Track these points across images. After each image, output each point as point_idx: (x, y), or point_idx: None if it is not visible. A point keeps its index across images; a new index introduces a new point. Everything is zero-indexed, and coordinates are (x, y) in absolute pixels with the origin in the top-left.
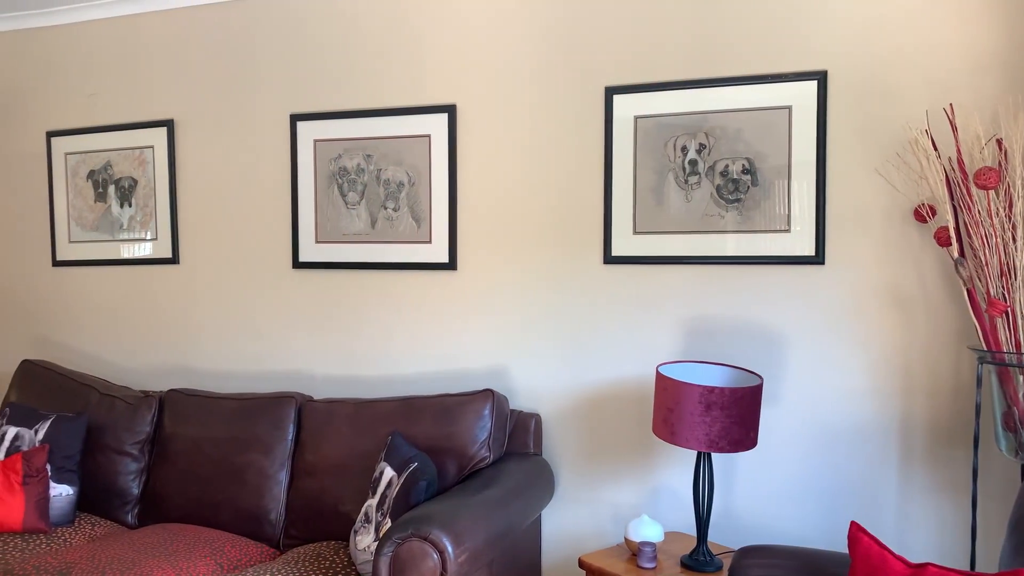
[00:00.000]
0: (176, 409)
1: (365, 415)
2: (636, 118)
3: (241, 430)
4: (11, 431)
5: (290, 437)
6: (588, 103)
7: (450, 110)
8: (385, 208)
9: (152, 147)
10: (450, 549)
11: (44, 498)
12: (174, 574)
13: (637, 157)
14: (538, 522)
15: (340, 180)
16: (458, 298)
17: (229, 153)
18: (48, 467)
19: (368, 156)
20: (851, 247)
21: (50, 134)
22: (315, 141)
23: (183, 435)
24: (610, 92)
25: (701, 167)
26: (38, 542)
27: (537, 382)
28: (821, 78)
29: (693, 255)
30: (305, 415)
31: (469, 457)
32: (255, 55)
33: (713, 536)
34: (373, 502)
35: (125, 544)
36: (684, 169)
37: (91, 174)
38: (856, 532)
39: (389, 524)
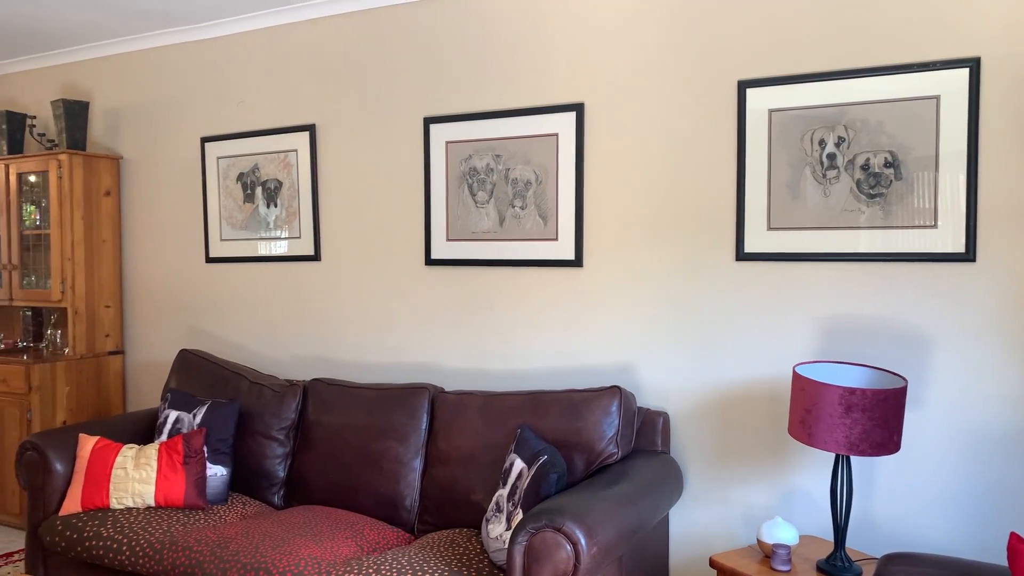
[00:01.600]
0: (319, 397)
1: (494, 407)
2: (770, 111)
3: (379, 418)
4: (172, 415)
5: (424, 426)
6: (719, 97)
7: (578, 108)
8: (513, 206)
9: (296, 150)
10: (583, 541)
11: (202, 477)
12: (320, 553)
13: (771, 151)
14: (666, 520)
15: (470, 180)
16: (584, 294)
17: (366, 155)
18: (205, 449)
19: (497, 156)
20: (1006, 243)
21: (204, 140)
22: (447, 143)
23: (325, 422)
24: (743, 86)
25: (840, 161)
26: (197, 517)
27: (664, 380)
28: (973, 65)
29: (831, 252)
30: (438, 405)
31: (597, 453)
32: (391, 62)
33: (850, 542)
34: (504, 492)
35: (274, 523)
36: (822, 163)
37: (240, 176)
38: (1017, 544)
39: (520, 514)
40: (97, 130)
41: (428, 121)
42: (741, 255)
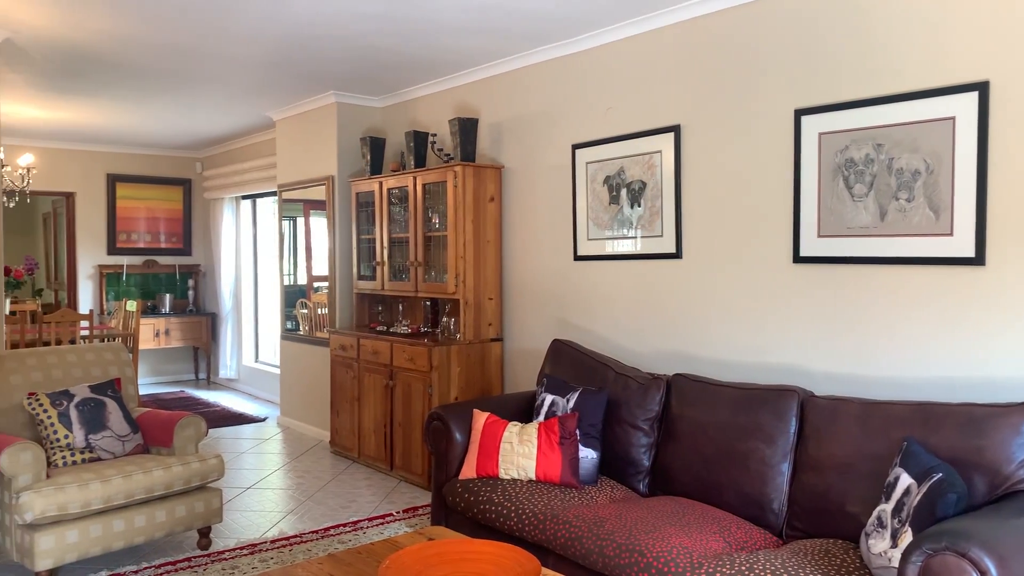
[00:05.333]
0: (682, 392)
1: (874, 416)
2: None
3: (743, 418)
4: (548, 398)
5: (792, 430)
6: None
7: (981, 88)
8: (897, 199)
9: (660, 152)
10: (993, 572)
11: (575, 458)
12: (690, 544)
13: None
14: None
15: (846, 172)
16: (985, 296)
17: (730, 152)
18: (577, 432)
19: (878, 145)
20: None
21: (575, 146)
22: (819, 134)
23: (688, 417)
24: None
25: None
26: (572, 495)
27: None
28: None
29: None
30: (808, 410)
31: (1004, 476)
32: (758, 56)
33: None
34: (887, 507)
35: (644, 509)
36: None
37: (607, 179)
38: None
39: (909, 533)
40: (484, 143)
41: (799, 113)
42: None
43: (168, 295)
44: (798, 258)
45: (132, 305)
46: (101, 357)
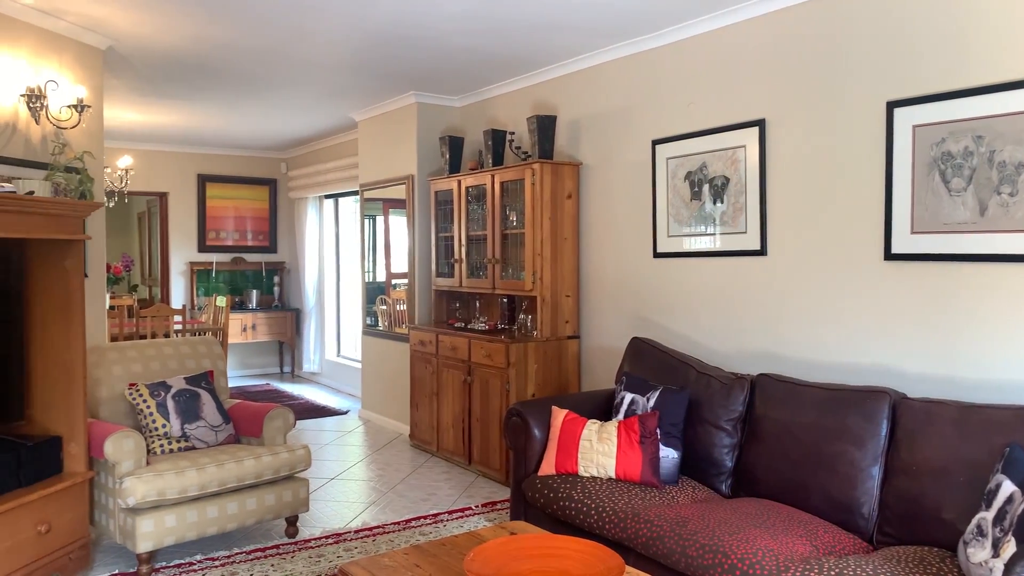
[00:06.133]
0: (766, 392)
1: (972, 420)
2: None
3: (831, 419)
4: (628, 396)
5: (883, 433)
6: None
7: None
8: (999, 193)
9: (744, 146)
10: None
11: (655, 457)
12: (775, 546)
13: None
14: None
15: (942, 166)
16: None
17: (817, 146)
18: (658, 431)
19: (978, 137)
20: None
21: (655, 142)
22: (913, 127)
23: (773, 417)
24: None
25: None
26: (652, 494)
27: None
28: None
29: None
30: (900, 412)
31: None
32: (847, 47)
33: None
34: (988, 515)
35: (728, 510)
36: None
37: (688, 175)
38: None
39: (1012, 543)
40: (561, 140)
41: (891, 105)
42: None
43: (255, 291)
44: (890, 255)
45: (222, 301)
46: (195, 350)
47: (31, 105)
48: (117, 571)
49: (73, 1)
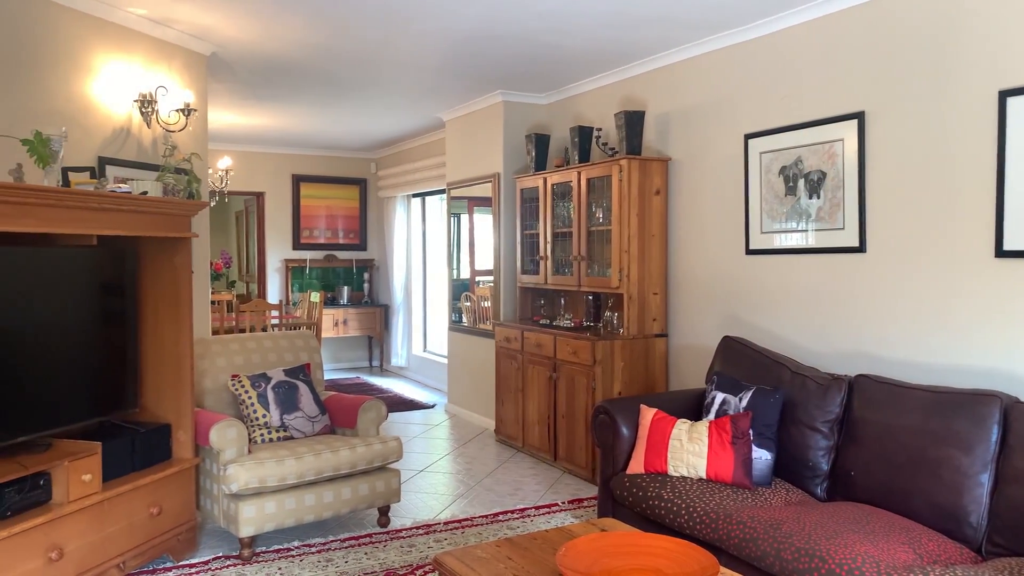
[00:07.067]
0: (865, 394)
1: None
2: None
3: (936, 423)
4: (719, 396)
5: (994, 438)
6: None
7: None
8: None
9: (841, 140)
10: None
11: (748, 459)
12: (876, 552)
13: None
14: None
15: None
16: None
17: (922, 139)
18: (750, 432)
19: None
20: None
21: (748, 136)
22: None
23: (872, 420)
24: None
25: None
26: (744, 496)
27: None
28: None
29: None
30: (1014, 417)
31: None
32: (955, 35)
33: None
34: None
35: (824, 514)
36: None
37: (782, 170)
38: None
39: None
40: (650, 135)
41: (1004, 95)
42: None
43: (346, 287)
44: (1001, 252)
45: (316, 296)
46: (293, 344)
47: (143, 110)
48: (221, 553)
49: (183, 10)
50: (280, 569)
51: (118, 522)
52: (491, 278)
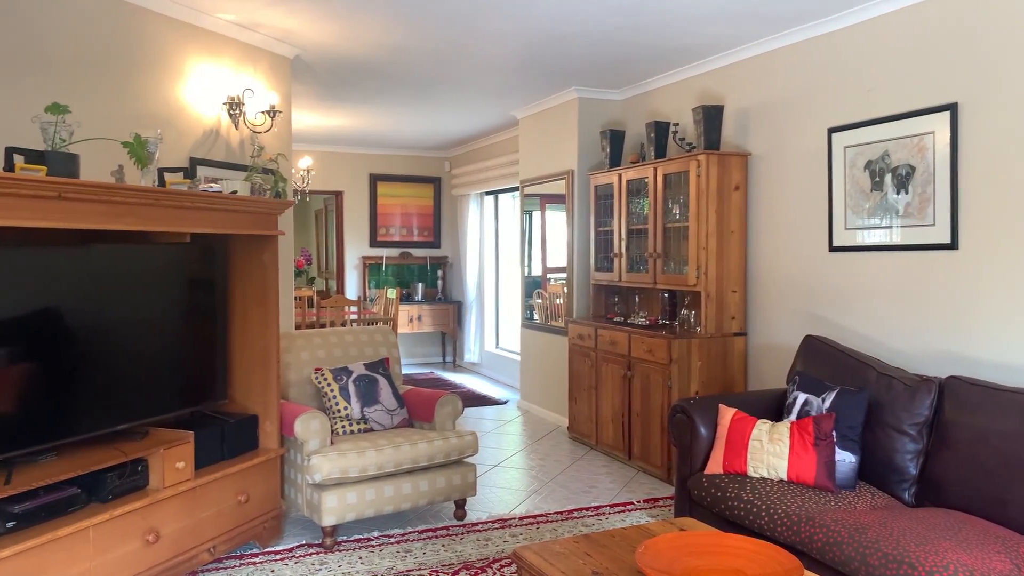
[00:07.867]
0: (958, 396)
1: None
2: None
3: None
4: (801, 397)
5: None
6: None
7: None
8: None
9: (932, 133)
10: None
11: (831, 461)
12: (969, 561)
13: None
14: None
15: None
16: None
17: (1021, 131)
18: (834, 434)
19: None
20: None
21: (831, 130)
22: None
23: (966, 424)
24: None
25: None
26: (827, 499)
27: None
28: None
29: None
30: None
31: None
32: None
33: None
34: None
35: (912, 519)
36: None
37: (868, 164)
38: None
39: None
40: (728, 130)
41: None
42: None
43: (420, 284)
44: None
45: (392, 293)
46: (372, 339)
47: (231, 112)
48: (304, 541)
49: (268, 15)
50: (361, 558)
51: (208, 508)
52: (563, 275)
